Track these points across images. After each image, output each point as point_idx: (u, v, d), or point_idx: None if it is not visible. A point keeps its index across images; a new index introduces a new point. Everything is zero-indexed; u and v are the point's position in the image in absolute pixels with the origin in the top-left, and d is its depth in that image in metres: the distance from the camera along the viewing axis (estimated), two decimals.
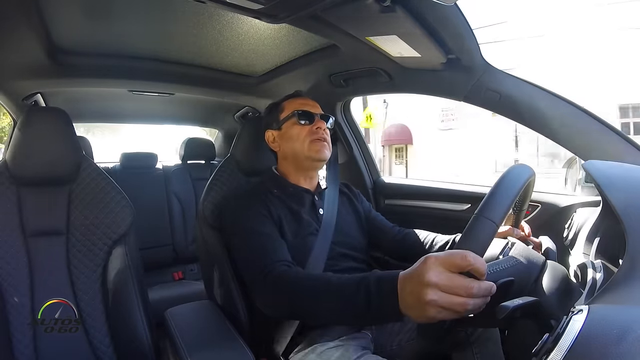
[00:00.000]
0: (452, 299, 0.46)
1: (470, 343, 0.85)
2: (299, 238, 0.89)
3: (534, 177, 0.66)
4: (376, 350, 0.90)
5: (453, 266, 0.47)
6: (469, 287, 0.46)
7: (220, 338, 0.85)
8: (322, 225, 0.93)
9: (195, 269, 2.10)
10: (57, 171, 0.93)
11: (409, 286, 0.50)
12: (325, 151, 0.97)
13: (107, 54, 1.17)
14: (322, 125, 0.97)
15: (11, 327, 0.84)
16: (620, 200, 0.59)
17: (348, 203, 1.06)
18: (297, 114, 0.97)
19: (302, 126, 0.96)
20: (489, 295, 0.48)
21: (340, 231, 0.95)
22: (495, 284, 0.48)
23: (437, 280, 0.46)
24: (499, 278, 0.53)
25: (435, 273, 0.47)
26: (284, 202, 0.93)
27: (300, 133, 0.96)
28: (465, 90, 1.01)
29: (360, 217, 1.06)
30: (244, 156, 1.12)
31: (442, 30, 0.82)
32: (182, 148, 2.20)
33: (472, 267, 0.46)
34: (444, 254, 0.48)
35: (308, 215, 0.94)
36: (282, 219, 0.89)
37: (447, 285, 0.46)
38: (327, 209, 0.97)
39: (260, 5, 0.71)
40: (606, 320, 0.37)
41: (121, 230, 0.95)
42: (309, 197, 0.98)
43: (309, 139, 0.95)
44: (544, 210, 1.07)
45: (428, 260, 0.48)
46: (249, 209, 0.88)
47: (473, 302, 0.47)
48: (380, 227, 1.07)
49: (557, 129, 0.92)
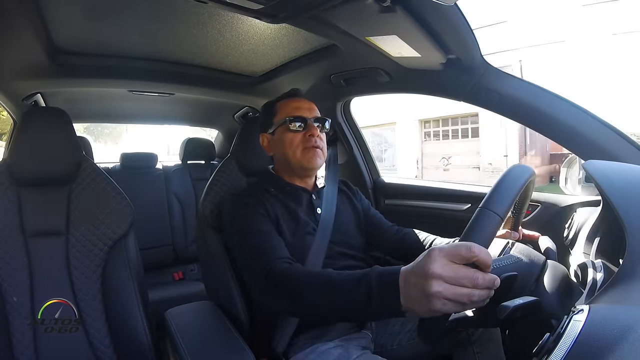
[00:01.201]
0: (457, 290, 0.46)
1: (471, 343, 0.85)
2: (296, 237, 0.88)
3: (534, 177, 0.66)
4: (376, 350, 0.90)
5: (458, 258, 0.47)
6: (474, 277, 0.46)
7: (221, 338, 0.85)
8: (319, 225, 0.92)
9: (195, 269, 2.10)
10: (57, 171, 0.93)
11: (413, 279, 0.50)
12: (318, 160, 0.93)
13: (107, 54, 1.17)
14: (315, 132, 0.93)
15: (11, 327, 0.84)
16: (620, 200, 0.59)
17: (347, 201, 1.05)
18: (289, 120, 0.93)
19: (294, 133, 0.93)
20: (493, 288, 0.47)
21: (339, 230, 0.95)
22: (499, 278, 0.48)
23: (441, 272, 0.46)
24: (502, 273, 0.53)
25: (440, 265, 0.46)
26: (281, 201, 0.92)
27: (292, 140, 0.93)
28: (465, 90, 1.01)
29: (359, 216, 1.05)
30: (243, 156, 1.12)
31: (442, 30, 0.82)
32: (182, 148, 2.20)
33: (477, 259, 0.46)
34: (449, 246, 0.48)
35: (305, 215, 0.93)
36: (280, 218, 0.88)
37: (452, 276, 0.46)
38: (325, 208, 0.96)
39: (260, 5, 0.71)
40: (607, 320, 0.37)
41: (121, 230, 0.95)
42: (307, 196, 0.97)
43: (302, 146, 0.92)
44: (544, 210, 1.08)
45: (432, 253, 0.48)
46: (247, 207, 0.87)
47: (478, 293, 0.46)
48: (378, 226, 1.06)
49: (557, 128, 0.92)
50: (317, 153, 0.93)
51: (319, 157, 0.94)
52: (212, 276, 1.03)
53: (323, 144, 0.96)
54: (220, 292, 0.99)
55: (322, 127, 0.97)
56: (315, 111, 0.98)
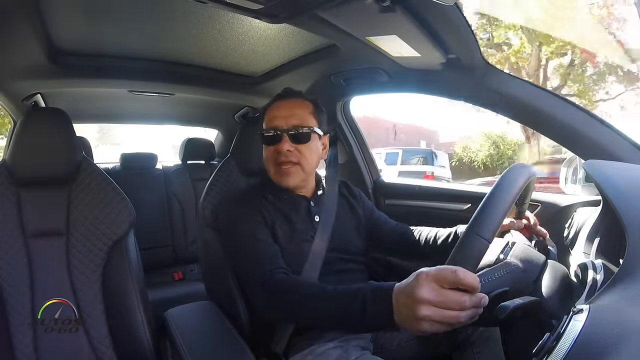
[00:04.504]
0: (444, 313, 0.48)
1: (470, 343, 0.85)
2: (293, 245, 0.87)
3: (534, 178, 0.66)
4: (376, 351, 0.90)
5: (444, 282, 0.48)
6: (461, 301, 0.47)
7: (221, 338, 0.85)
8: (317, 232, 0.90)
9: (195, 269, 2.09)
10: (57, 171, 0.93)
11: (403, 299, 0.51)
12: (289, 178, 0.86)
13: (107, 54, 1.17)
14: (282, 146, 0.84)
15: (11, 327, 0.84)
16: (620, 199, 0.59)
17: (348, 206, 1.02)
18: (263, 133, 0.87)
19: (267, 147, 0.88)
20: (481, 307, 0.49)
21: (337, 237, 0.92)
22: (488, 296, 0.49)
23: (429, 297, 0.48)
24: (494, 287, 0.54)
25: (427, 289, 0.48)
26: (278, 209, 0.89)
27: (267, 155, 0.88)
28: (466, 90, 1.01)
29: (359, 221, 1.02)
30: (243, 156, 1.12)
31: (442, 30, 0.82)
32: (182, 148, 2.20)
33: (462, 283, 0.47)
34: (435, 270, 0.49)
35: (303, 222, 0.91)
36: (276, 225, 0.86)
37: (440, 300, 0.48)
38: (324, 215, 0.93)
39: (260, 5, 0.71)
40: (607, 320, 0.37)
41: (121, 230, 0.95)
42: (304, 204, 0.93)
43: (273, 162, 0.87)
44: (544, 210, 1.07)
45: (419, 277, 0.49)
46: (243, 213, 0.86)
47: (465, 314, 0.48)
48: (383, 228, 1.04)
49: (557, 129, 0.92)
50: (287, 171, 0.86)
51: (289, 175, 0.86)
52: (212, 276, 1.03)
53: (300, 156, 0.87)
54: (220, 292, 0.99)
55: (302, 135, 0.87)
56: (297, 117, 0.87)
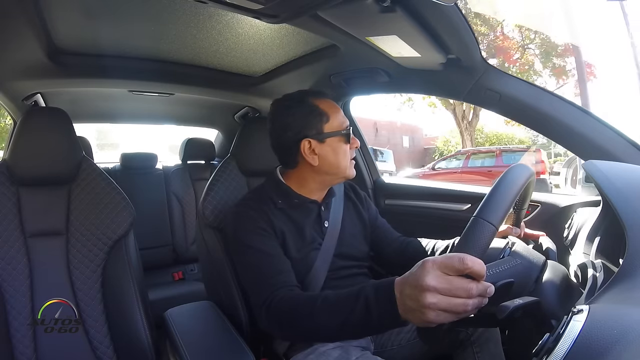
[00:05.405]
0: (451, 301, 0.47)
1: (470, 343, 0.85)
2: (301, 253, 0.87)
3: (534, 177, 0.66)
4: (376, 351, 0.90)
5: (451, 269, 0.47)
6: (468, 288, 0.46)
7: (221, 338, 0.85)
8: (325, 239, 0.90)
9: (195, 269, 2.09)
10: (57, 171, 0.93)
11: (408, 290, 0.50)
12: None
13: (107, 54, 1.17)
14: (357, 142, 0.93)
15: (11, 327, 0.84)
16: (620, 200, 0.59)
17: (354, 210, 1.02)
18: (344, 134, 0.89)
19: (346, 144, 0.90)
20: (487, 296, 0.48)
21: (343, 243, 0.93)
22: (494, 285, 0.49)
23: (435, 284, 0.47)
24: (498, 279, 0.53)
25: (433, 277, 0.47)
26: (288, 216, 0.88)
27: (346, 151, 0.90)
28: (466, 90, 1.01)
29: (365, 226, 1.01)
30: (243, 156, 1.12)
31: (442, 30, 0.82)
32: (182, 148, 2.20)
33: (470, 270, 0.46)
34: (442, 258, 0.48)
35: (312, 229, 0.90)
36: (285, 234, 0.86)
37: (446, 288, 0.47)
38: (332, 221, 0.93)
39: (260, 5, 0.70)
40: (607, 320, 0.37)
41: (121, 230, 0.95)
42: (315, 209, 0.93)
43: (349, 158, 0.91)
44: (544, 210, 1.07)
45: (426, 265, 0.48)
46: (251, 222, 0.84)
47: (472, 302, 0.47)
48: (383, 238, 1.03)
49: (557, 129, 0.92)
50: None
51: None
52: (212, 276, 1.03)
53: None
54: (220, 292, 0.99)
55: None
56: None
